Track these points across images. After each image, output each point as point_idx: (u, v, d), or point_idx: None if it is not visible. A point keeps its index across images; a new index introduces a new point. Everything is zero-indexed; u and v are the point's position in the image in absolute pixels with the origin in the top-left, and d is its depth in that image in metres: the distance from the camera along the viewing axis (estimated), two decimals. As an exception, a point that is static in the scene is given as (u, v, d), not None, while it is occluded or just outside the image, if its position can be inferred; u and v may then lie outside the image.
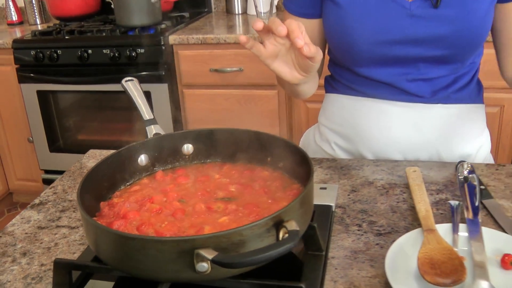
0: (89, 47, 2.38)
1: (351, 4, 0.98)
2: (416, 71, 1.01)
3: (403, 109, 1.02)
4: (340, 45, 1.03)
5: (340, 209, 0.82)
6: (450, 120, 1.03)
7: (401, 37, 0.96)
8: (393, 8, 0.96)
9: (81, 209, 0.59)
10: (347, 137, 1.08)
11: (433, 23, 0.95)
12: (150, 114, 0.85)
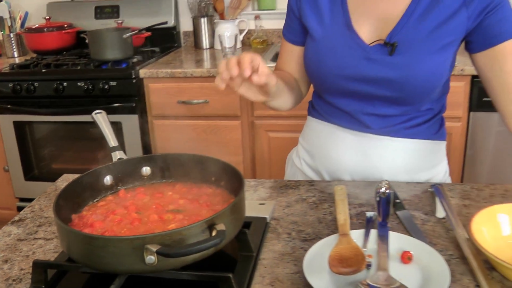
0: (65, 80, 2.53)
1: (323, 40, 1.15)
2: (372, 106, 1.15)
3: (356, 137, 1.17)
4: (313, 74, 1.19)
5: (274, 221, 0.98)
6: (398, 153, 1.17)
7: (358, 76, 1.12)
8: (355, 49, 1.12)
9: (57, 218, 0.74)
10: (312, 155, 1.26)
11: (386, 68, 1.09)
12: (115, 142, 1.00)
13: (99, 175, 0.92)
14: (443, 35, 1.07)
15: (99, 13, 3.11)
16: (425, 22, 1.07)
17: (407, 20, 1.08)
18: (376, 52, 1.10)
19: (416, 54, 1.07)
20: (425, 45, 1.07)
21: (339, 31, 1.14)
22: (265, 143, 2.52)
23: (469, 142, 2.45)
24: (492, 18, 1.05)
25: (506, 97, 1.08)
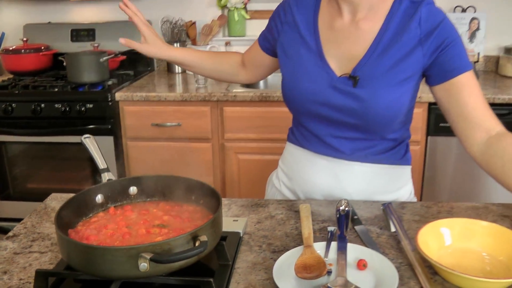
0: (43, 102, 2.62)
1: (298, 66, 1.28)
2: (339, 130, 1.28)
3: (328, 162, 1.30)
4: (289, 97, 1.32)
5: (247, 235, 1.10)
6: (366, 176, 1.30)
7: (326, 102, 1.25)
8: (324, 77, 1.25)
9: (59, 231, 0.85)
10: (290, 177, 1.39)
11: (349, 99, 1.21)
12: (104, 164, 1.12)
13: (91, 194, 1.03)
14: (400, 71, 1.20)
15: (75, 35, 3.21)
16: (384, 59, 1.20)
17: (369, 57, 1.21)
18: (342, 83, 1.23)
19: (376, 88, 1.20)
20: (384, 79, 1.20)
21: (313, 58, 1.27)
22: (235, 165, 2.65)
23: (427, 164, 2.63)
24: (446, 55, 1.18)
25: (463, 124, 1.19)
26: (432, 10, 1.20)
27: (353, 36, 1.24)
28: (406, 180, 1.39)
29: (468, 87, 1.18)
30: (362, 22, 1.23)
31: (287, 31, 1.33)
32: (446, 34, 1.17)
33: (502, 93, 2.50)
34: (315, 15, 1.30)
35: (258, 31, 1.50)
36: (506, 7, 3.03)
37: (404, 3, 1.21)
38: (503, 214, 1.22)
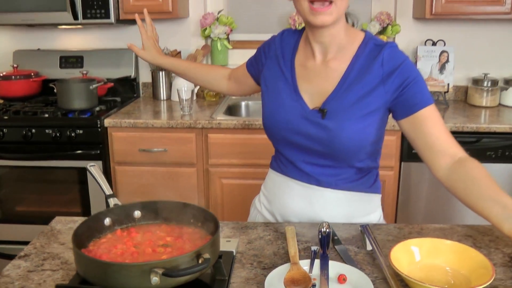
0: (33, 127, 2.71)
1: (276, 97, 1.43)
2: (310, 157, 1.41)
3: (302, 188, 1.44)
4: (268, 125, 1.46)
5: (239, 254, 1.23)
6: (337, 202, 1.43)
7: (299, 131, 1.38)
8: (298, 108, 1.39)
9: (77, 249, 0.96)
10: (269, 201, 1.53)
11: (319, 129, 1.35)
12: (110, 191, 1.23)
13: (100, 218, 1.15)
14: (364, 106, 1.33)
15: (63, 62, 3.32)
16: (349, 95, 1.34)
17: (336, 93, 1.35)
18: (313, 115, 1.37)
19: (341, 120, 1.33)
20: (349, 113, 1.34)
21: (289, 92, 1.42)
22: (218, 189, 2.77)
23: (401, 189, 2.78)
24: (408, 92, 1.31)
25: (429, 153, 1.31)
26: (394, 52, 1.34)
27: (323, 74, 1.39)
28: (375, 207, 1.52)
29: (431, 119, 1.32)
30: (332, 62, 1.38)
31: (270, 65, 1.48)
32: (407, 73, 1.31)
33: (471, 122, 2.68)
34: (293, 53, 1.45)
35: (240, 61, 1.66)
36: (473, 41, 3.24)
37: (369, 45, 1.36)
38: (466, 234, 1.36)
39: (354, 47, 1.37)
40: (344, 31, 1.37)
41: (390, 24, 3.21)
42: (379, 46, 1.35)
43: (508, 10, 2.84)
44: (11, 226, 2.90)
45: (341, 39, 1.36)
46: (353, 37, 1.38)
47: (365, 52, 1.35)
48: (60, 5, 2.87)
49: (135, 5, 2.92)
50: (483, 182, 1.20)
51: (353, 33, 1.39)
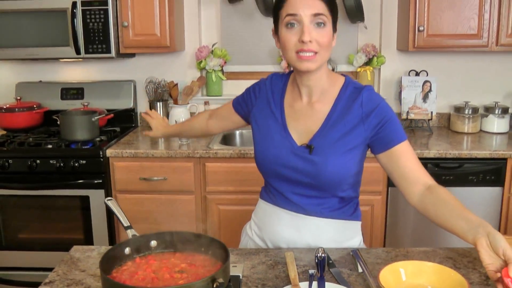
0: (38, 158, 2.84)
1: (267, 135, 1.58)
2: (298, 188, 1.56)
3: (290, 216, 1.58)
4: (259, 160, 1.61)
5: (245, 278, 1.36)
6: (322, 229, 1.58)
7: (288, 165, 1.54)
8: (287, 145, 1.54)
9: (104, 275, 1.10)
10: (260, 228, 1.67)
11: (306, 163, 1.50)
12: (127, 222, 1.37)
13: (122, 248, 1.28)
14: (346, 142, 1.50)
15: (65, 94, 3.46)
16: (333, 133, 1.50)
17: (321, 131, 1.52)
18: (301, 150, 1.52)
19: (327, 155, 1.49)
20: (333, 149, 1.50)
21: (278, 132, 1.58)
22: (216, 215, 2.91)
23: (389, 213, 2.93)
24: (384, 130, 1.48)
25: (403, 182, 1.49)
26: (372, 94, 1.52)
27: (309, 114, 1.56)
28: (355, 233, 1.67)
29: (405, 153, 1.49)
30: (316, 104, 1.55)
31: (260, 105, 1.64)
32: (384, 114, 1.49)
33: (453, 148, 2.85)
34: (282, 95, 1.62)
35: (234, 91, 1.83)
36: (455, 71, 3.45)
37: (349, 88, 1.53)
38: (447, 256, 1.51)
39: (335, 90, 1.55)
40: (326, 76, 1.54)
41: (376, 55, 3.40)
42: (358, 89, 1.52)
43: (485, 43, 3.04)
44: (14, 252, 3.00)
45: (324, 83, 1.54)
46: (334, 81, 1.56)
47: (346, 95, 1.53)
48: (63, 41, 3.02)
49: (135, 40, 3.08)
50: (450, 204, 1.40)
51: (334, 77, 1.57)
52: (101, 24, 2.97)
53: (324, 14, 1.43)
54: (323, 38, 1.43)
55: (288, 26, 1.44)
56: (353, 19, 3.24)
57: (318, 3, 1.43)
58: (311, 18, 1.42)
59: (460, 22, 3.02)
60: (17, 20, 3.03)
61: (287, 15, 1.44)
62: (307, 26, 1.41)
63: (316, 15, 1.42)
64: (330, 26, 1.45)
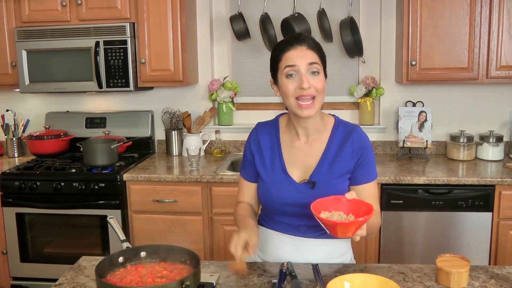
0: (62, 181, 3.16)
1: (268, 181, 1.81)
2: (299, 220, 1.75)
3: (290, 239, 1.81)
4: (263, 203, 1.86)
5: (219, 285, 1.62)
6: (318, 248, 1.79)
7: (292, 203, 1.74)
8: (289, 186, 1.75)
9: (99, 278, 1.38)
10: (262, 251, 1.88)
11: (309, 198, 1.64)
12: (123, 237, 1.65)
13: (116, 257, 1.56)
14: (341, 175, 1.75)
15: (89, 123, 3.81)
16: (330, 168, 1.74)
17: (320, 167, 1.76)
18: (303, 188, 1.74)
19: (327, 188, 1.71)
20: (332, 182, 1.74)
21: (279, 175, 1.78)
22: (222, 235, 3.17)
23: (383, 235, 3.13)
24: (361, 169, 1.76)
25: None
26: (361, 135, 1.79)
27: (307, 152, 1.80)
28: (347, 250, 1.90)
29: (366, 191, 1.77)
30: (314, 142, 1.80)
31: (257, 156, 1.86)
32: (366, 154, 1.76)
33: (445, 175, 3.04)
34: (278, 138, 1.85)
35: (243, 120, 1.99)
36: (450, 102, 3.65)
37: (340, 128, 1.80)
38: (400, 271, 1.74)
39: (328, 129, 1.80)
40: (320, 117, 1.80)
41: (375, 87, 3.64)
42: (348, 128, 1.79)
43: (476, 76, 3.25)
44: (40, 265, 3.32)
45: (318, 124, 1.79)
46: (326, 121, 1.82)
47: (338, 133, 1.79)
48: (87, 76, 3.37)
49: (151, 75, 3.41)
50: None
51: (326, 117, 1.83)
52: (121, 61, 3.31)
53: (317, 62, 1.69)
54: (319, 84, 1.69)
55: (288, 76, 1.69)
56: (351, 54, 3.50)
57: (311, 54, 1.69)
58: (307, 67, 1.68)
59: (451, 56, 3.23)
60: (48, 58, 3.40)
61: (286, 67, 1.69)
62: (305, 75, 1.67)
63: (311, 63, 1.68)
64: (322, 73, 1.72)
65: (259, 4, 3.65)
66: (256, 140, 1.89)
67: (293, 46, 1.69)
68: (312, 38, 1.74)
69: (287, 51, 1.70)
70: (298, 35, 1.73)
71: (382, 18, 3.63)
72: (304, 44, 1.69)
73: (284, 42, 1.73)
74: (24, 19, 3.47)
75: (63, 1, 3.38)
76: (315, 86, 1.67)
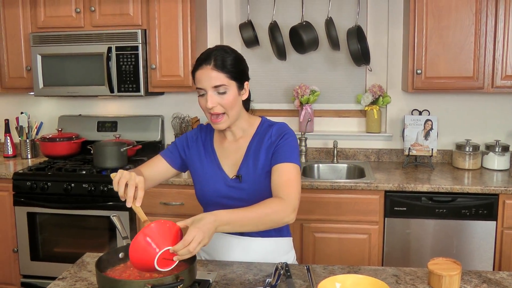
0: (73, 182, 3.25)
1: (203, 174, 1.92)
2: None
3: (238, 240, 1.91)
4: (199, 195, 1.96)
5: (215, 283, 1.68)
6: (264, 247, 1.90)
7: (224, 195, 1.87)
8: (221, 179, 1.88)
9: (98, 271, 1.44)
10: (208, 253, 1.99)
11: (238, 190, 1.85)
12: (125, 233, 1.71)
13: (116, 252, 1.63)
14: (263, 167, 1.84)
15: (100, 126, 3.89)
16: (253, 162, 1.85)
17: (244, 161, 1.87)
18: (233, 182, 1.87)
19: (251, 181, 1.84)
20: (256, 175, 1.84)
21: (213, 169, 1.90)
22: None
23: (386, 241, 3.16)
24: (278, 149, 1.83)
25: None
26: (281, 128, 1.87)
27: (235, 149, 1.92)
28: (289, 248, 2.00)
29: (279, 172, 1.79)
30: (240, 140, 1.92)
31: (193, 152, 1.97)
32: (283, 140, 1.84)
33: (448, 183, 3.08)
34: (211, 140, 1.97)
35: None
36: (456, 110, 3.68)
37: (264, 125, 1.91)
38: (393, 274, 1.78)
39: (253, 128, 1.93)
40: (245, 120, 1.91)
41: (382, 95, 3.68)
42: (271, 125, 1.91)
43: (481, 85, 3.27)
44: (50, 264, 3.40)
45: (244, 125, 1.91)
46: (253, 122, 1.93)
47: (262, 131, 1.90)
48: (99, 81, 3.46)
49: (161, 80, 3.49)
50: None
51: (252, 119, 1.95)
52: (132, 66, 3.40)
53: (224, 84, 1.77)
54: (225, 101, 1.78)
55: (199, 95, 1.81)
56: (358, 62, 3.55)
57: (216, 75, 1.76)
58: (213, 89, 1.77)
59: (456, 65, 3.27)
60: (62, 62, 3.50)
61: (197, 88, 1.80)
62: (210, 95, 1.77)
63: (217, 86, 1.76)
64: (233, 89, 1.79)
65: (268, 13, 3.72)
66: (196, 137, 2.00)
67: (201, 66, 1.78)
68: (221, 54, 1.78)
69: (196, 70, 1.80)
70: (207, 53, 1.79)
71: (389, 27, 3.68)
72: (210, 64, 1.76)
73: (196, 60, 1.82)
74: (40, 24, 3.58)
75: (77, 8, 3.49)
76: (222, 104, 1.77)
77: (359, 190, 3.07)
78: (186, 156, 1.99)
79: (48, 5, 3.54)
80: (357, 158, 3.82)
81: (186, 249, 1.43)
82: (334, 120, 3.85)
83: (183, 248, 1.43)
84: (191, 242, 1.44)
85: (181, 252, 1.44)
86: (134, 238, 1.44)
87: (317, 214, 3.14)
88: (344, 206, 3.11)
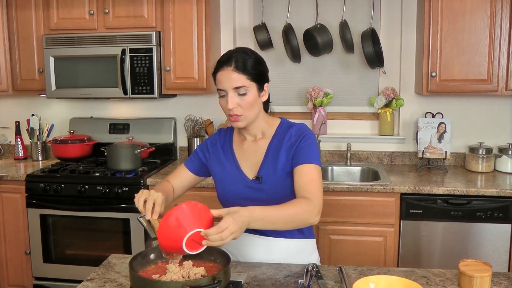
0: (86, 184, 3.24)
1: (223, 178, 1.92)
2: None
3: (262, 240, 1.91)
4: (220, 197, 1.96)
5: (246, 284, 1.67)
6: (288, 248, 1.90)
7: (244, 196, 1.85)
8: (241, 181, 1.88)
9: (133, 272, 1.43)
10: (231, 252, 1.96)
11: (258, 191, 1.84)
12: (154, 235, 1.70)
13: (148, 253, 1.62)
14: (284, 168, 1.84)
15: (112, 128, 3.88)
16: (273, 163, 1.85)
17: (264, 162, 1.87)
18: (253, 183, 1.86)
19: (272, 182, 1.83)
20: (276, 176, 1.83)
21: (232, 172, 1.91)
22: (241, 239, 3.21)
23: (401, 243, 3.15)
24: (298, 150, 1.82)
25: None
26: (301, 129, 1.88)
27: (254, 150, 1.92)
28: (312, 250, 2.00)
29: (303, 173, 1.79)
30: (259, 141, 1.92)
31: (213, 156, 1.98)
32: (302, 141, 1.83)
33: (463, 186, 3.07)
34: (231, 143, 1.97)
35: None
36: (469, 113, 3.68)
37: (283, 126, 1.91)
38: (423, 275, 1.77)
39: (273, 129, 1.93)
40: (264, 121, 1.91)
41: (395, 98, 3.68)
42: (290, 126, 1.90)
43: (495, 88, 3.27)
44: (62, 266, 3.39)
45: (263, 126, 1.91)
46: (272, 123, 1.94)
47: (281, 131, 1.90)
48: (113, 83, 3.45)
49: (175, 82, 3.48)
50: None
51: (271, 120, 1.95)
52: (146, 68, 3.39)
53: (244, 85, 1.78)
54: (245, 102, 1.79)
55: (220, 96, 1.82)
56: (372, 65, 3.55)
57: (237, 76, 1.77)
58: (234, 90, 1.78)
59: (470, 68, 3.27)
60: (74, 64, 3.49)
61: (218, 89, 1.82)
62: (230, 96, 1.78)
63: (237, 88, 1.77)
64: (253, 90, 1.81)
65: (282, 15, 3.72)
66: (215, 141, 2.02)
67: (222, 67, 1.79)
68: (242, 56, 1.80)
69: (217, 72, 1.82)
70: (228, 55, 1.81)
71: (402, 30, 3.68)
72: (231, 65, 1.77)
73: (217, 62, 1.83)
74: (53, 26, 3.57)
75: (90, 10, 3.48)
76: (242, 105, 1.79)
77: (375, 192, 3.06)
78: (207, 161, 2.01)
79: (61, 7, 3.54)
80: (370, 160, 3.81)
81: (218, 235, 1.41)
82: (347, 123, 3.84)
83: (216, 234, 1.42)
84: (224, 230, 1.42)
85: (212, 237, 1.41)
86: (165, 216, 1.43)
87: (333, 217, 3.13)
88: (360, 209, 3.11)
